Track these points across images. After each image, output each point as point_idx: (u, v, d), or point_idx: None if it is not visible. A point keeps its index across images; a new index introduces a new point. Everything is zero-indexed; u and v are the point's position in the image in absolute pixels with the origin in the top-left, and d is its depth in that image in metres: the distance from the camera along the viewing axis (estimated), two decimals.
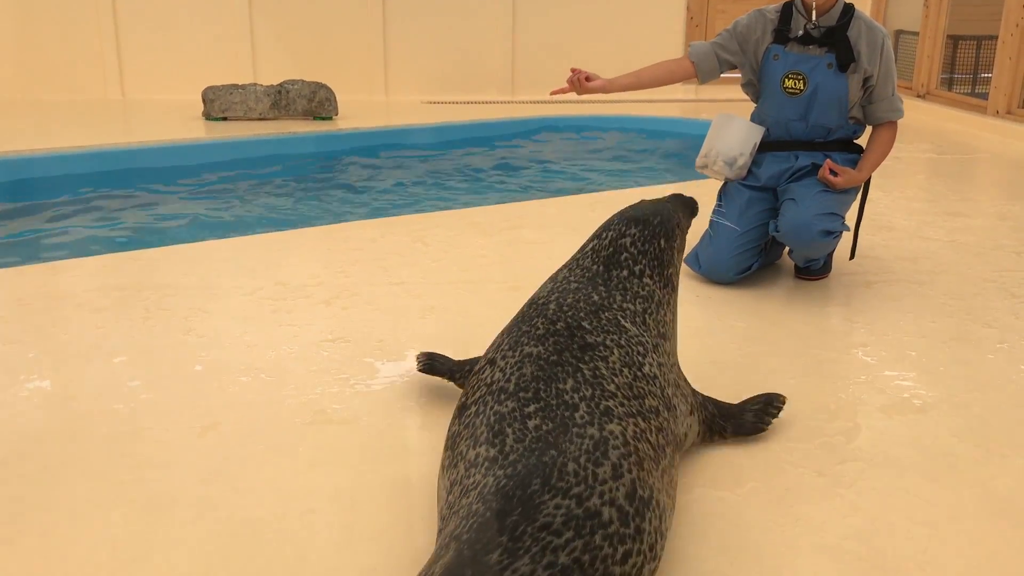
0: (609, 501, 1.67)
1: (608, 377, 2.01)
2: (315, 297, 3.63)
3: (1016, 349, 3.14)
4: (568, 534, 1.59)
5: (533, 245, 4.45)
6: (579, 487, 1.67)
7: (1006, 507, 2.17)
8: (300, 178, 6.85)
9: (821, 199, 3.55)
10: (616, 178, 7.08)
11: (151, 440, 2.51)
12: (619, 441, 1.83)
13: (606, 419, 1.88)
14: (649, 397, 2.06)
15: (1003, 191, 6.08)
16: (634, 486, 1.73)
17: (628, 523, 1.66)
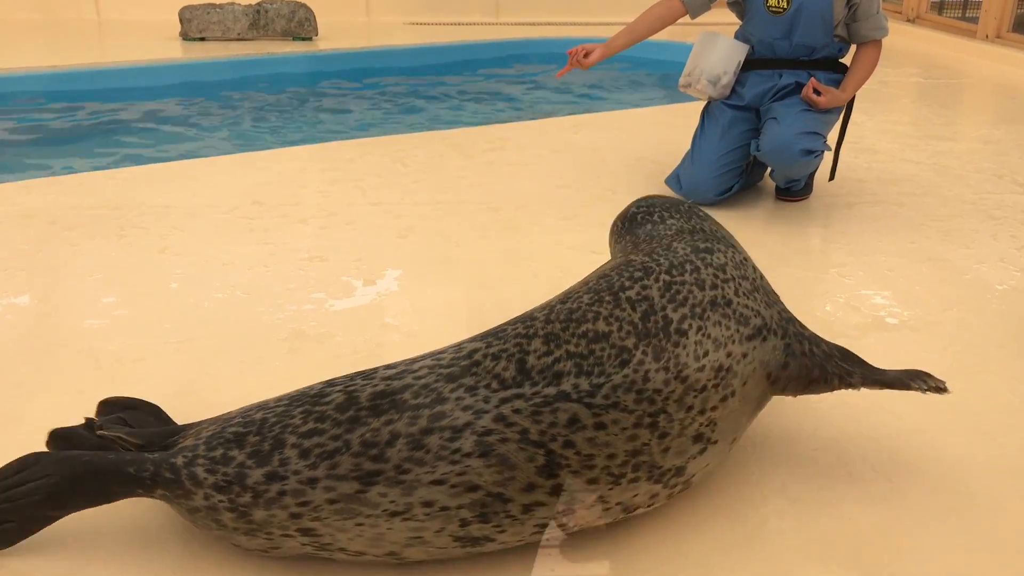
0: (348, 391, 1.65)
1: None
2: (292, 216, 3.59)
3: (993, 270, 3.15)
4: (284, 402, 1.69)
5: (514, 167, 4.40)
6: (344, 377, 1.74)
7: (977, 423, 2.20)
8: (278, 99, 6.75)
9: (803, 118, 3.52)
10: (599, 100, 7.00)
11: (126, 356, 2.50)
12: (451, 354, 1.70)
13: (480, 337, 1.76)
14: (594, 324, 1.71)
15: (988, 116, 6.05)
16: (401, 389, 1.64)
17: (346, 410, 1.61)
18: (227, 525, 1.60)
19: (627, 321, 1.70)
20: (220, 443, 1.61)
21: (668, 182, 3.88)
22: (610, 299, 1.74)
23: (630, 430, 1.62)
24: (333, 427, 1.57)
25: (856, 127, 5.13)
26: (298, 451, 1.56)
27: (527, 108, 6.70)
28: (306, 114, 6.32)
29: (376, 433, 1.56)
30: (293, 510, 1.56)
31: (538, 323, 1.72)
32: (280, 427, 1.59)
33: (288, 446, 1.56)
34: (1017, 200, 3.91)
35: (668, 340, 1.69)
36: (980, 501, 1.90)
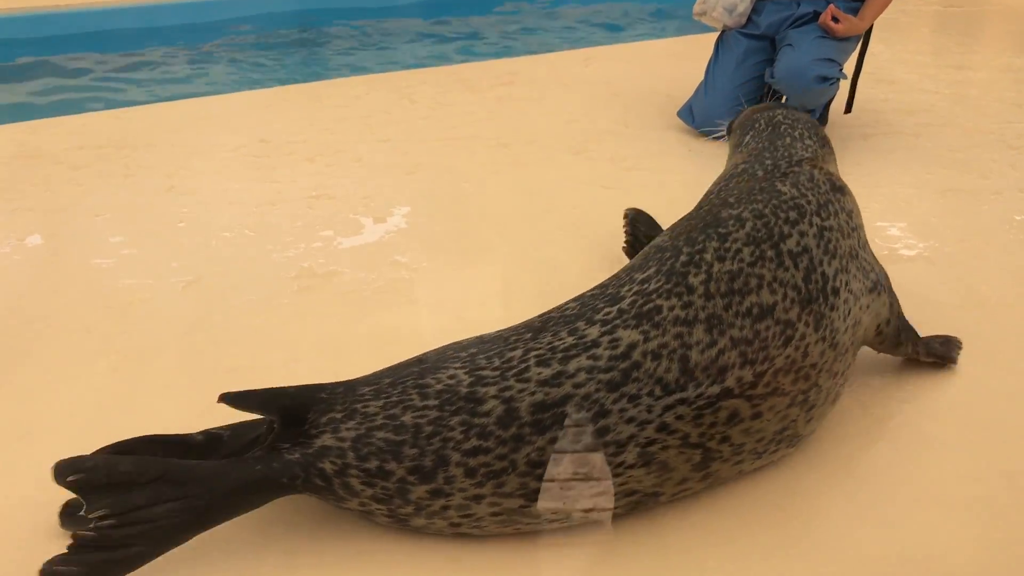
0: (506, 398, 1.51)
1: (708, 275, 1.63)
2: (299, 154, 3.55)
3: (1010, 200, 3.09)
4: (431, 401, 1.53)
5: (524, 102, 4.33)
6: (492, 372, 1.55)
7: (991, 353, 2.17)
8: (282, 35, 6.65)
9: (819, 45, 3.43)
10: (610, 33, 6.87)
11: (135, 293, 2.49)
12: (608, 352, 1.55)
13: (634, 322, 1.57)
14: (758, 294, 1.61)
15: (1010, 44, 5.90)
16: (561, 401, 1.50)
17: (508, 426, 1.50)
18: (379, 522, 1.58)
19: (791, 285, 1.61)
20: (372, 452, 1.50)
21: (680, 114, 3.81)
22: (772, 255, 1.62)
23: (782, 411, 1.59)
24: (498, 445, 1.47)
25: (873, 57, 5.01)
26: (464, 470, 1.48)
27: (536, 42, 6.58)
28: (313, 51, 6.23)
29: (541, 453, 1.48)
30: (455, 520, 1.53)
31: (696, 299, 1.58)
32: (440, 441, 1.48)
33: (453, 464, 1.48)
34: None
35: (826, 303, 1.63)
36: (998, 432, 1.88)
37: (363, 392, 1.57)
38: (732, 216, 1.71)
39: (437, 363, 1.59)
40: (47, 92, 5.22)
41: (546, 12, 7.60)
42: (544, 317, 1.68)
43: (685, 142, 3.66)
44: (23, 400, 2.02)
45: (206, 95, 4.64)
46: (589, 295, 1.70)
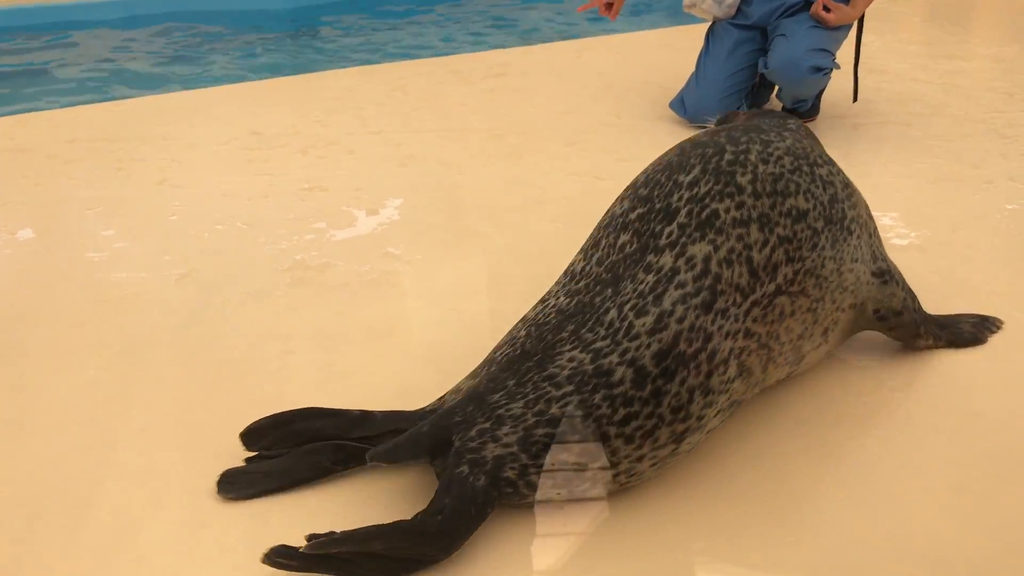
0: (629, 361, 1.55)
1: (749, 165, 1.70)
2: (291, 146, 3.55)
3: (1002, 189, 3.10)
4: (567, 388, 1.56)
5: (516, 93, 4.33)
6: (603, 341, 1.58)
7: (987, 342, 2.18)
8: (273, 27, 6.62)
9: (812, 35, 3.44)
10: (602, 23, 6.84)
11: (127, 287, 2.49)
12: (690, 275, 1.59)
13: (698, 234, 1.62)
14: (793, 197, 1.69)
15: (1000, 34, 5.91)
16: (676, 340, 1.55)
17: (643, 385, 1.55)
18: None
19: (820, 201, 1.73)
20: (541, 449, 1.56)
21: (672, 105, 3.82)
22: (808, 170, 1.75)
23: (804, 314, 1.71)
24: (643, 406, 1.55)
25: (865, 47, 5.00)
26: (623, 439, 1.56)
27: (529, 33, 6.57)
28: (304, 43, 6.21)
29: (678, 397, 1.57)
30: (622, 480, 1.62)
31: (747, 198, 1.66)
32: (593, 420, 1.56)
33: (613, 437, 1.56)
34: None
35: (842, 231, 1.76)
36: (988, 419, 1.89)
37: (496, 399, 1.61)
38: (773, 130, 1.83)
39: (546, 351, 1.63)
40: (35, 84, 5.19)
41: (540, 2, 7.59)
42: (608, 264, 1.70)
43: (677, 133, 3.65)
44: (16, 395, 2.02)
45: (198, 88, 4.63)
46: (636, 215, 1.71)
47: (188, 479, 1.73)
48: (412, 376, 2.05)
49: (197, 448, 1.82)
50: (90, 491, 1.71)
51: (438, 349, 2.17)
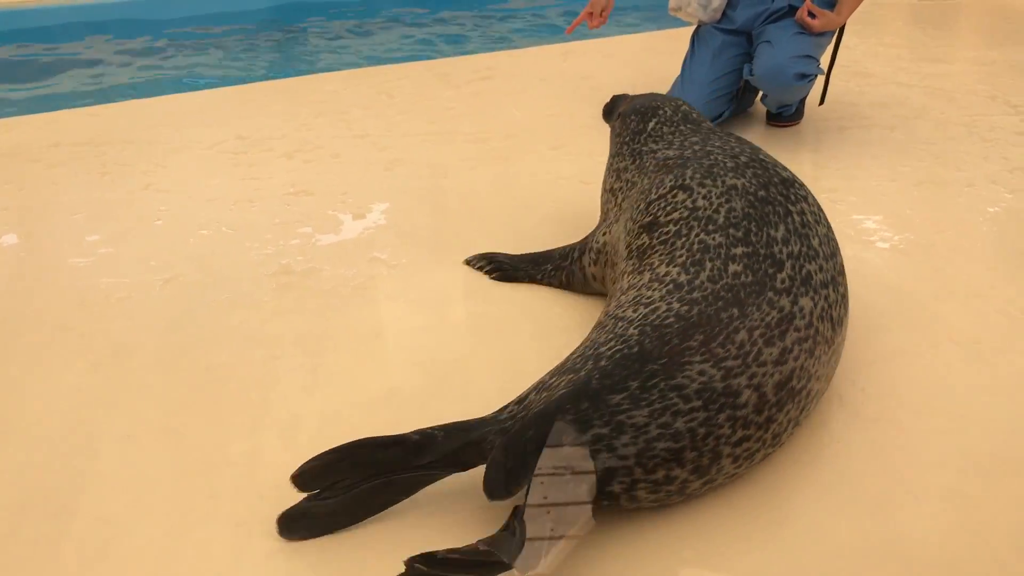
0: (755, 386, 1.59)
1: (812, 226, 1.90)
2: (277, 150, 3.54)
3: (983, 192, 3.13)
4: (695, 403, 1.55)
5: (502, 96, 4.33)
6: (734, 360, 1.60)
7: (967, 344, 2.20)
8: (259, 31, 6.61)
9: (797, 41, 3.45)
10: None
11: (112, 292, 2.48)
12: (804, 322, 1.71)
13: (803, 289, 1.76)
14: (839, 255, 1.94)
15: (982, 37, 5.96)
16: (791, 376, 1.65)
17: (762, 411, 1.60)
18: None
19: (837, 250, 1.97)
20: (658, 464, 1.53)
21: None
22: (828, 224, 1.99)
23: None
24: (756, 431, 1.61)
25: (848, 50, 5.05)
26: (731, 459, 1.60)
27: (515, 36, 6.58)
28: (290, 46, 6.20)
29: (780, 425, 1.66)
30: (703, 491, 1.65)
31: (823, 261, 1.85)
32: (714, 439, 1.56)
33: (724, 456, 1.59)
34: (1009, 122, 3.87)
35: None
36: (971, 422, 1.90)
37: (617, 402, 1.55)
38: (786, 171, 2.08)
39: (673, 356, 1.60)
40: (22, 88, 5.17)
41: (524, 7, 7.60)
42: (725, 285, 1.74)
43: None
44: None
45: (182, 92, 4.61)
46: (742, 253, 1.79)
47: (173, 486, 1.73)
48: (398, 380, 2.05)
49: (182, 455, 1.81)
50: (74, 498, 1.70)
51: (424, 353, 2.17)
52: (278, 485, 1.72)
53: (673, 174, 2.07)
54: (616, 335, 1.69)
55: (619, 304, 1.83)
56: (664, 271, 1.83)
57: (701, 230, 1.87)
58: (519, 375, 2.06)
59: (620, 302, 1.84)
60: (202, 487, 1.73)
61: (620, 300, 1.85)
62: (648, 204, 2.05)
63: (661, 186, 2.05)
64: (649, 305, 1.74)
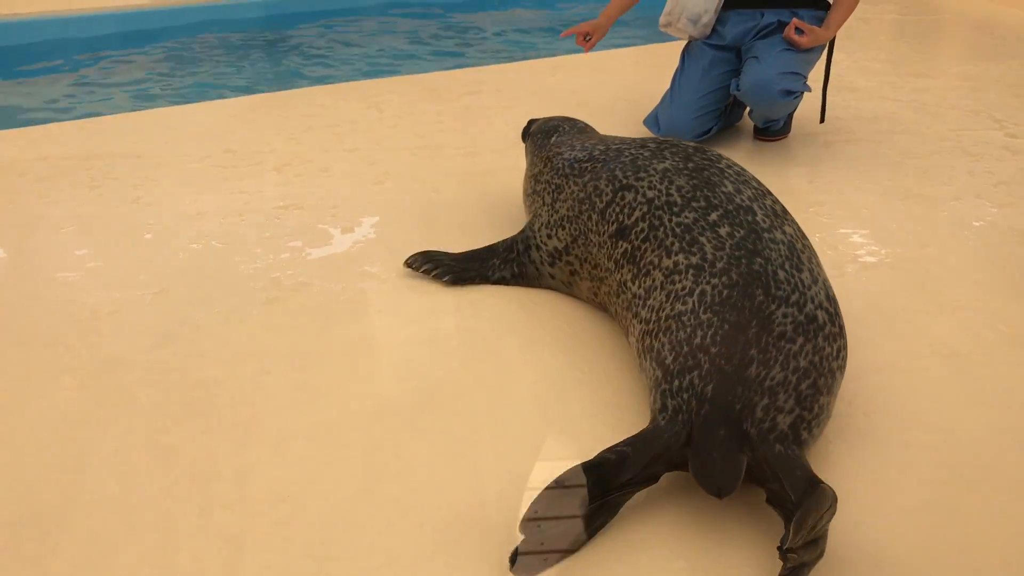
0: (818, 304, 1.81)
1: (743, 171, 2.16)
2: (266, 164, 3.54)
3: (969, 206, 3.16)
4: (800, 340, 1.74)
5: (491, 110, 4.35)
6: (795, 294, 1.80)
7: (954, 359, 2.22)
8: (247, 44, 6.61)
9: (784, 57, 3.48)
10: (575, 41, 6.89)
11: (100, 307, 2.47)
12: (801, 244, 1.96)
13: (779, 221, 2.00)
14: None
15: (965, 52, 6.01)
16: (826, 287, 1.90)
17: (834, 322, 1.83)
18: None
19: None
20: (811, 399, 1.72)
21: (646, 123, 3.85)
22: None
23: None
24: (841, 338, 1.85)
25: (835, 65, 5.07)
26: (840, 372, 1.84)
27: (503, 51, 6.60)
28: (279, 60, 6.20)
29: (844, 329, 1.90)
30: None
31: (768, 197, 2.12)
32: (826, 360, 1.78)
33: (836, 370, 1.82)
34: (994, 136, 3.91)
35: None
36: (958, 435, 1.92)
37: (755, 373, 1.71)
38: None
39: (758, 315, 1.78)
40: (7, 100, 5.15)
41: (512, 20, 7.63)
42: (734, 245, 1.91)
43: None
44: None
45: (171, 105, 4.61)
46: (716, 217, 1.99)
47: (163, 502, 1.72)
48: (389, 395, 2.06)
49: (172, 470, 1.81)
50: (64, 514, 1.70)
51: (416, 367, 2.17)
52: (270, 498, 1.73)
53: (604, 178, 2.24)
54: (692, 326, 1.81)
55: (656, 307, 1.93)
56: (671, 263, 1.95)
57: (670, 215, 2.03)
58: (510, 390, 2.07)
59: (653, 305, 1.94)
60: (193, 503, 1.72)
61: (651, 304, 1.95)
62: (602, 214, 2.20)
63: (602, 194, 2.22)
64: (692, 293, 1.86)
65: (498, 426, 1.95)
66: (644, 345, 1.93)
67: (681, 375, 1.75)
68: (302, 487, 1.76)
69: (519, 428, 1.94)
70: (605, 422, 1.95)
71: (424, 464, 1.83)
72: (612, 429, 1.92)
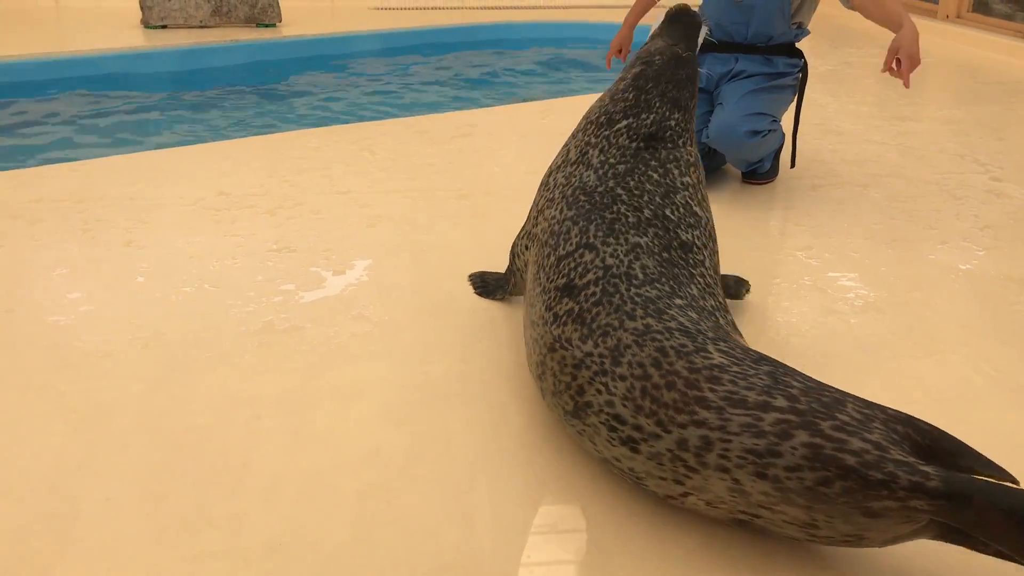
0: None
1: (714, 286, 2.11)
2: (259, 207, 3.57)
3: (955, 250, 3.20)
4: None
5: (482, 153, 4.39)
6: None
7: (942, 402, 2.24)
8: (242, 88, 6.67)
9: (747, 100, 3.54)
10: (568, 84, 6.99)
11: (93, 352, 2.47)
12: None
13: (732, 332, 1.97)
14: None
15: (949, 96, 6.11)
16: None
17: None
18: None
19: None
20: None
21: None
22: None
23: None
24: None
25: (820, 109, 5.17)
26: None
27: (494, 94, 6.68)
28: (271, 103, 6.26)
29: None
30: None
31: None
32: None
33: None
34: (979, 180, 3.97)
35: None
36: None
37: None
38: None
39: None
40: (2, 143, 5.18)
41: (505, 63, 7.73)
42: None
43: None
44: None
45: (164, 148, 4.64)
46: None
47: (154, 550, 1.72)
48: (383, 440, 2.06)
49: (163, 518, 1.80)
50: (54, 563, 1.69)
51: (408, 412, 2.17)
52: (262, 546, 1.72)
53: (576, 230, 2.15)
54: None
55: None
56: (635, 325, 1.85)
57: (630, 286, 1.95)
58: (502, 437, 2.08)
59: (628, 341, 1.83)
60: (184, 550, 1.72)
61: (627, 339, 1.83)
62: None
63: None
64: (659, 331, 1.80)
65: (491, 473, 1.95)
66: None
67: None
68: (294, 535, 1.76)
69: (511, 475, 1.94)
70: (598, 468, 1.95)
71: (416, 512, 1.83)
72: (606, 473, 1.92)
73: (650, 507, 1.83)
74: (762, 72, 3.62)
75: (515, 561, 1.69)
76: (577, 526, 1.78)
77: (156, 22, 7.88)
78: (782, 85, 3.67)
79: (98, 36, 7.50)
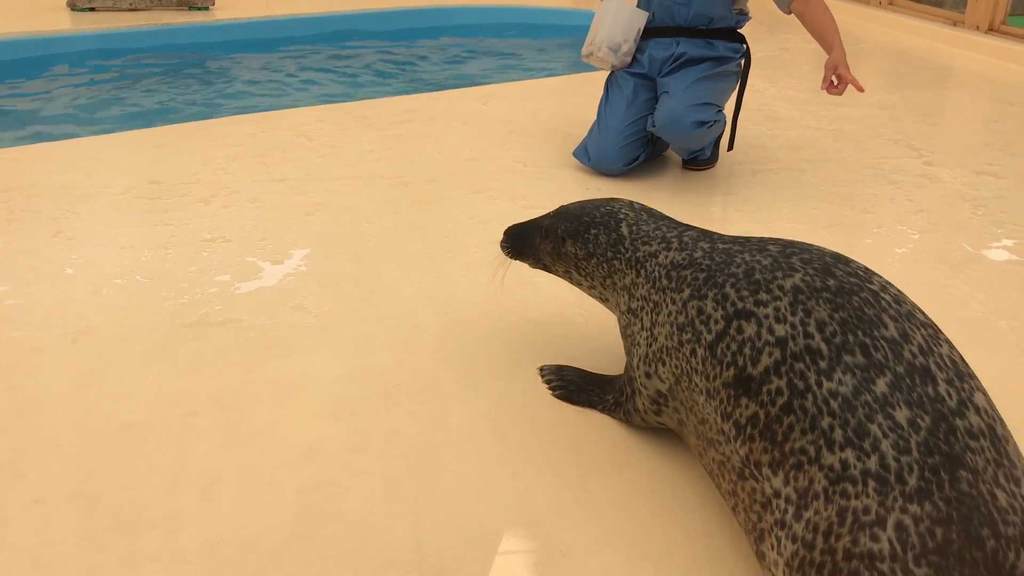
0: None
1: (906, 303, 1.55)
2: (192, 196, 3.47)
3: (892, 234, 3.25)
4: None
5: (423, 139, 4.34)
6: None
7: None
8: (174, 73, 6.50)
9: (693, 90, 3.55)
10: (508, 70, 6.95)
11: (20, 347, 2.38)
12: (1000, 425, 1.38)
13: (966, 387, 1.39)
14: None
15: (883, 81, 6.21)
16: None
17: None
18: None
19: None
20: None
21: (576, 154, 3.88)
22: None
23: None
24: None
25: (759, 94, 5.21)
26: None
27: (435, 79, 6.61)
28: (205, 89, 6.11)
29: None
30: None
31: None
32: None
33: None
34: (913, 164, 4.04)
35: None
36: None
37: None
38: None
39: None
40: None
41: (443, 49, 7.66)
42: (936, 448, 1.31)
43: (582, 180, 3.72)
44: None
45: (94, 134, 4.49)
46: (891, 384, 1.38)
47: (87, 553, 1.66)
48: (323, 435, 2.02)
49: (96, 519, 1.74)
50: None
51: (349, 406, 2.13)
52: (200, 547, 1.67)
53: (711, 297, 1.65)
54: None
55: (822, 529, 1.30)
56: (835, 460, 1.33)
57: (816, 375, 1.42)
58: (446, 428, 2.05)
59: (815, 523, 1.32)
60: (119, 553, 1.66)
61: (810, 519, 1.33)
62: (711, 349, 1.61)
63: (709, 319, 1.63)
64: (883, 523, 1.24)
65: (435, 466, 1.93)
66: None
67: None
68: (233, 534, 1.72)
69: (456, 468, 1.92)
70: (545, 458, 1.94)
71: (359, 507, 1.79)
72: (553, 464, 1.91)
73: (596, 496, 1.82)
74: (704, 56, 3.63)
75: (461, 557, 1.67)
76: (524, 518, 1.77)
77: (83, 4, 7.63)
78: (726, 72, 3.68)
79: (22, 18, 7.23)
